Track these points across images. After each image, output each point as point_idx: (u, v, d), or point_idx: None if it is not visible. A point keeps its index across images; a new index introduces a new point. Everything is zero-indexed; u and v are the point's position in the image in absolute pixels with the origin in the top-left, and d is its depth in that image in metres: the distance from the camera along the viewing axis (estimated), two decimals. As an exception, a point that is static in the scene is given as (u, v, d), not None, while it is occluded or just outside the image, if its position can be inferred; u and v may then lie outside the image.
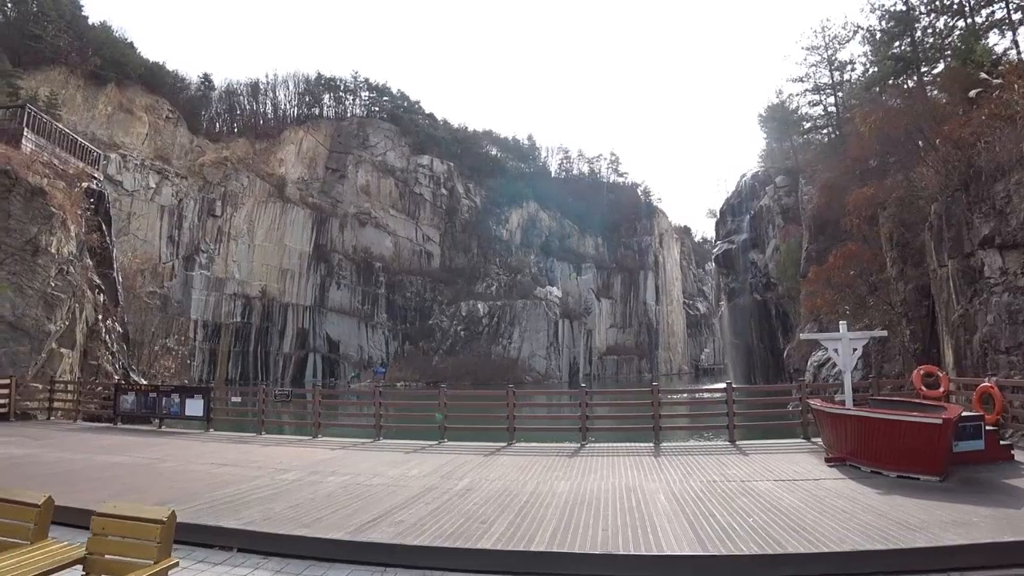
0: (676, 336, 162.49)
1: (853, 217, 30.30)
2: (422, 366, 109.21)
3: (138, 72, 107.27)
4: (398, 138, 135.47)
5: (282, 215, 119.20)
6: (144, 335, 40.00)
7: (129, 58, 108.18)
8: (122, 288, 35.96)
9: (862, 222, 29.23)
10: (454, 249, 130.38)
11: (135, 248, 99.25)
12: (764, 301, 76.37)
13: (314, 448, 15.91)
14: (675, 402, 20.64)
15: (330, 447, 15.96)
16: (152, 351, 40.86)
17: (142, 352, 40.86)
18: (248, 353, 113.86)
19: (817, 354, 33.13)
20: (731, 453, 14.54)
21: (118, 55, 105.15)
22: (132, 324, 41.44)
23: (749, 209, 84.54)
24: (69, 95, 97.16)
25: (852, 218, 30.36)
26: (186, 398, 19.59)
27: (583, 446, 15.91)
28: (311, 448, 15.91)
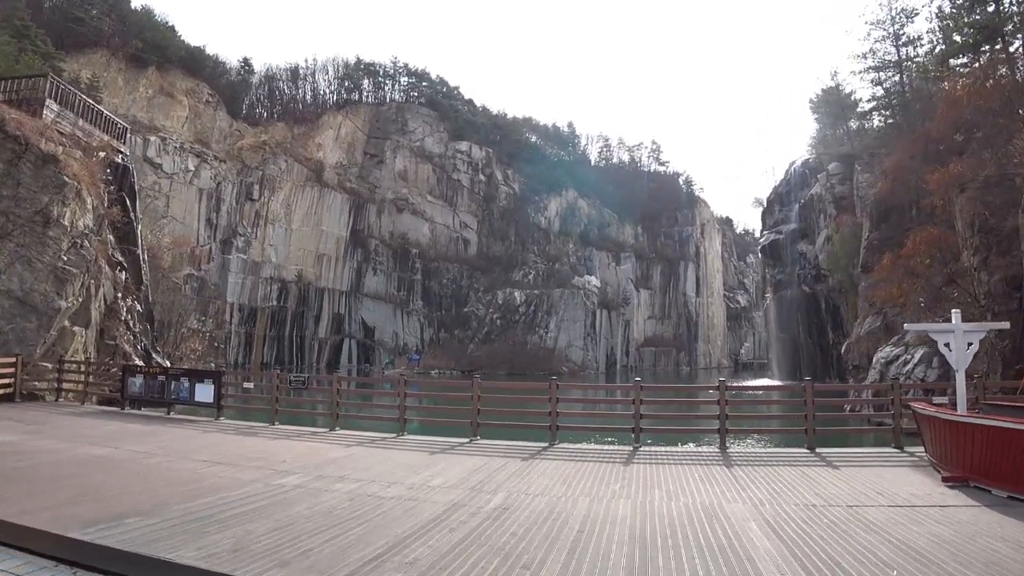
0: (716, 329, 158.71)
1: (937, 198, 27.44)
2: (457, 354, 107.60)
3: (179, 56, 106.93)
4: (436, 124, 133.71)
5: (319, 200, 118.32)
6: (171, 315, 38.77)
7: (170, 42, 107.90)
8: (147, 267, 34.67)
9: (947, 204, 26.39)
10: (491, 236, 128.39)
11: (173, 230, 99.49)
12: (813, 294, 73.10)
13: (327, 443, 14.07)
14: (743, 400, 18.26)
15: (346, 443, 14.08)
16: (179, 333, 39.61)
17: (169, 333, 39.60)
18: (284, 337, 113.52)
19: (885, 349, 30.42)
20: (815, 464, 12.27)
21: (159, 39, 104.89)
22: (160, 304, 40.35)
23: (798, 198, 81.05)
24: (111, 78, 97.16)
25: (936, 199, 27.49)
26: (196, 383, 17.88)
27: (637, 449, 13.77)
28: (324, 443, 14.06)
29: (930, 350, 26.89)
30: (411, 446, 13.85)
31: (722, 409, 13.99)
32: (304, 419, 17.94)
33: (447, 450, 13.32)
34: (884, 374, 29.28)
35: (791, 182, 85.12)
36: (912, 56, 50.77)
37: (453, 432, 15.81)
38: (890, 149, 47.39)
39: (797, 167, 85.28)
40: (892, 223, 41.44)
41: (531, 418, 16.14)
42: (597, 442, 14.81)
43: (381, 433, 15.48)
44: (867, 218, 44.24)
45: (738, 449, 14.05)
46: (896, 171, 37.87)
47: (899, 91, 52.32)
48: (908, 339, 29.28)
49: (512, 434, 15.67)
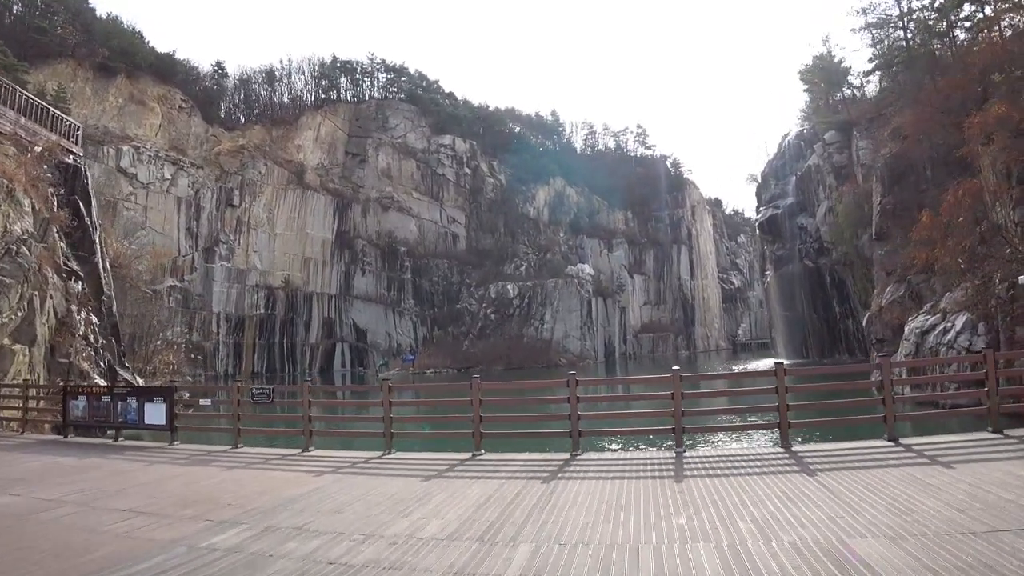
0: (712, 311, 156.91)
1: (976, 144, 24.87)
2: (452, 352, 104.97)
3: (148, 62, 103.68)
4: (418, 119, 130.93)
5: (302, 202, 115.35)
6: (139, 328, 35.94)
7: (138, 48, 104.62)
8: (110, 276, 31.84)
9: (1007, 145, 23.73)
10: (480, 230, 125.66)
11: (153, 241, 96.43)
12: (816, 268, 70.75)
13: (294, 471, 11.33)
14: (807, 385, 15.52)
15: (317, 469, 11.34)
16: (154, 346, 36.78)
17: (143, 347, 36.77)
18: (274, 345, 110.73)
19: (918, 318, 27.85)
20: (914, 460, 9.65)
21: (126, 45, 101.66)
22: (130, 317, 37.55)
23: (794, 171, 78.63)
24: (78, 88, 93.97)
25: (974, 146, 24.93)
26: (145, 402, 15.09)
27: (682, 455, 11.09)
28: (290, 471, 11.33)
29: (974, 316, 24.44)
30: (399, 469, 11.16)
31: (782, 398, 11.33)
32: (275, 438, 15.27)
33: (445, 472, 10.60)
34: (920, 345, 26.75)
35: (786, 155, 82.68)
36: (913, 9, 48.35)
37: (451, 446, 13.17)
38: (896, 109, 44.89)
39: (791, 139, 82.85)
40: (908, 185, 39.00)
41: (544, 423, 13.52)
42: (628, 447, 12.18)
43: (363, 452, 12.75)
44: (878, 183, 41.72)
45: (804, 447, 11.38)
46: (917, 126, 35.25)
47: (902, 48, 49.76)
48: (944, 305, 26.79)
49: (523, 444, 13.06)
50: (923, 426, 13.38)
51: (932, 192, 37.89)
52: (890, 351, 34.64)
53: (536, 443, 13.23)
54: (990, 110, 24.06)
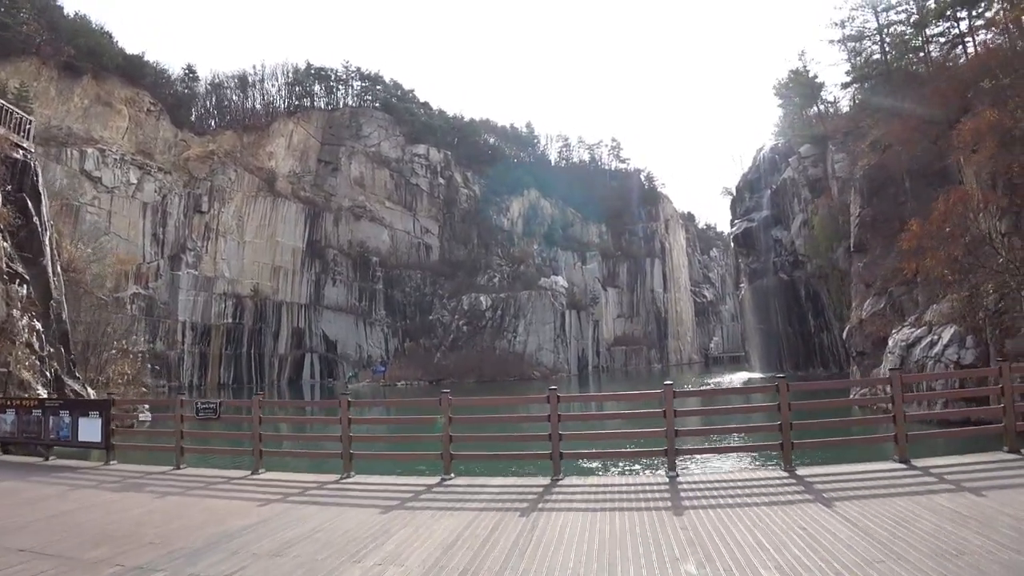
0: (685, 325, 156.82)
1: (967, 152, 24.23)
2: (424, 364, 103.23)
3: (116, 63, 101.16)
4: (392, 128, 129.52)
5: (273, 210, 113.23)
6: (93, 336, 34.06)
7: (106, 48, 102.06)
8: (61, 280, 30.07)
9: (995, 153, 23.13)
10: (454, 240, 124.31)
11: (117, 247, 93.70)
12: (791, 281, 70.41)
13: (239, 498, 9.96)
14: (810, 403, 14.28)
15: (265, 495, 9.99)
16: (107, 355, 34.88)
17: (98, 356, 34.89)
18: (241, 355, 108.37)
19: (903, 331, 27.13)
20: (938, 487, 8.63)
21: (94, 45, 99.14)
22: (84, 324, 35.66)
23: (769, 184, 78.41)
24: (42, 87, 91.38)
25: (964, 153, 24.28)
26: (79, 417, 13.60)
27: (676, 480, 9.95)
28: (234, 498, 9.95)
29: (961, 329, 23.73)
30: (357, 497, 9.83)
31: (785, 416, 10.25)
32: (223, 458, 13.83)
33: (409, 502, 9.26)
34: (906, 358, 25.99)
35: (760, 168, 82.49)
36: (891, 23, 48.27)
37: (418, 469, 11.88)
38: (874, 121, 44.65)
39: (766, 152, 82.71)
40: (887, 197, 38.56)
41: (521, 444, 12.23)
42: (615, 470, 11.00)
43: (318, 476, 11.39)
44: (857, 194, 41.31)
45: (809, 470, 10.26)
46: (902, 135, 34.72)
47: (879, 62, 49.66)
48: (930, 318, 26.10)
49: (498, 467, 11.81)
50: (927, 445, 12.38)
51: (912, 204, 37.50)
52: (871, 364, 34.06)
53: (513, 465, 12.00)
54: (982, 116, 23.50)
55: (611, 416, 15.23)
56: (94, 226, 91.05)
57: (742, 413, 13.36)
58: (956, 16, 46.65)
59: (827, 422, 11.94)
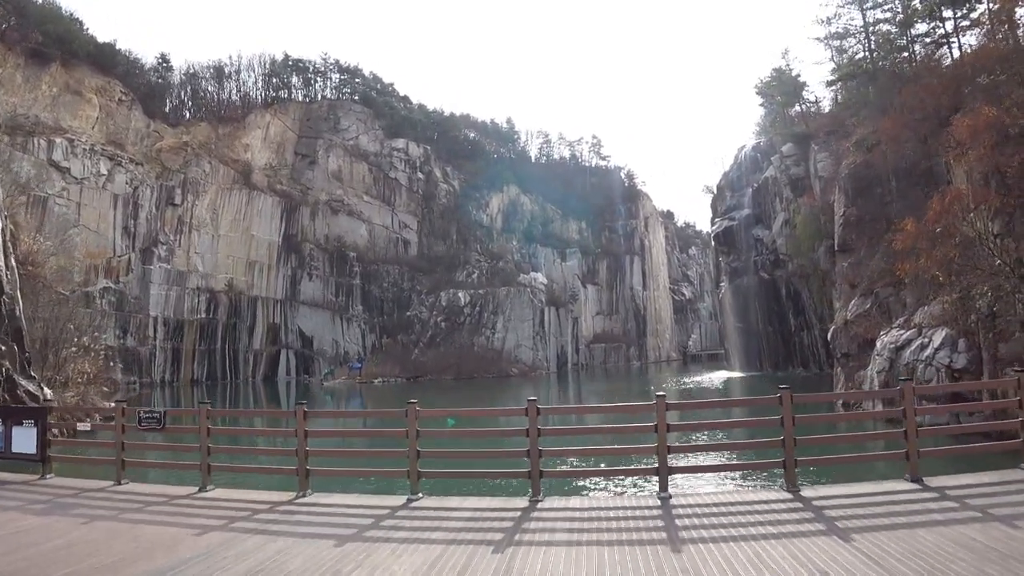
0: (664, 322, 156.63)
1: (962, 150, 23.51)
2: (401, 360, 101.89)
3: (86, 51, 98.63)
4: (371, 121, 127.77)
5: (248, 203, 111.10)
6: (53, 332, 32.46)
7: (76, 35, 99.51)
8: (15, 274, 28.55)
9: (988, 151, 22.42)
10: (432, 236, 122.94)
11: (86, 240, 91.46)
12: (772, 280, 70.19)
13: (176, 523, 8.79)
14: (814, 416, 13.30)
15: (207, 520, 8.86)
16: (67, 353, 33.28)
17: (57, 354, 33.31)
18: (215, 351, 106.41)
19: (891, 332, 26.44)
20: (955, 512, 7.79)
21: (63, 32, 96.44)
22: (43, 321, 34.08)
23: (751, 183, 78.20)
24: (7, 74, 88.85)
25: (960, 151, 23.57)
26: (13, 426, 12.32)
27: (668, 501, 8.98)
28: (171, 523, 8.78)
29: (953, 332, 23.06)
30: (310, 524, 8.72)
31: (788, 431, 9.32)
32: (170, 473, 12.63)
33: (369, 530, 8.12)
34: (895, 361, 25.32)
35: (742, 167, 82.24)
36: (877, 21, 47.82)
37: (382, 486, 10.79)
38: (859, 120, 44.13)
39: (748, 151, 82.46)
40: (873, 196, 38.03)
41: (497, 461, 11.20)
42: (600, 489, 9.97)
43: (273, 494, 10.25)
44: (841, 193, 40.76)
45: (815, 492, 9.32)
46: (893, 132, 34.09)
47: (865, 59, 49.16)
48: (920, 320, 25.43)
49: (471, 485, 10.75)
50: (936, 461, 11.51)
51: (898, 204, 37.01)
52: (856, 366, 33.47)
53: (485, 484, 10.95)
54: (979, 112, 22.83)
55: (597, 430, 14.17)
56: (62, 218, 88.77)
57: (741, 427, 12.42)
58: (942, 16, 46.34)
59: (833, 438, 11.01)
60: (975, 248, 23.75)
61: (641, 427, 10.27)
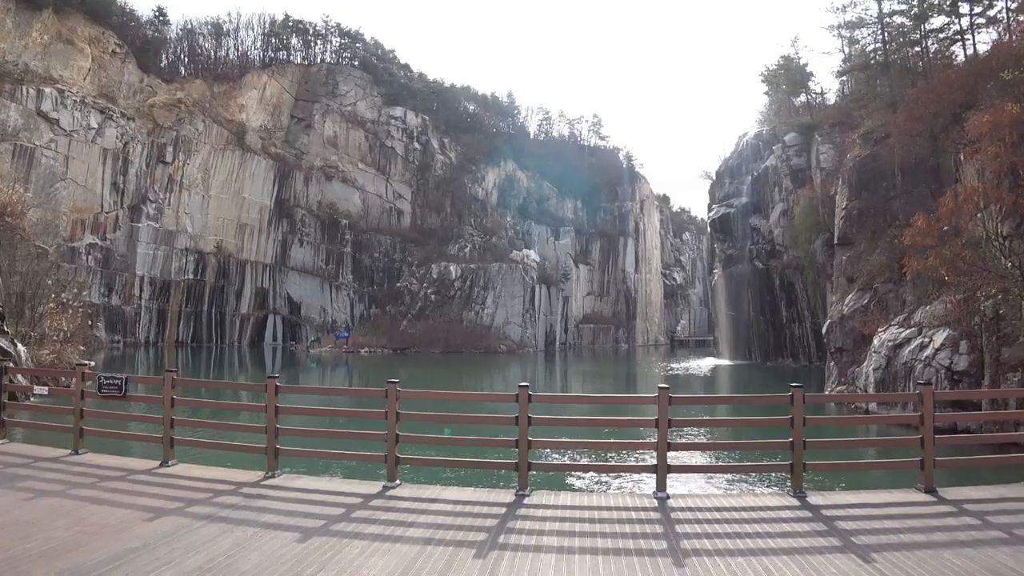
0: (654, 306, 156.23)
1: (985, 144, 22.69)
2: (389, 331, 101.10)
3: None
4: (370, 88, 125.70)
5: (241, 165, 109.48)
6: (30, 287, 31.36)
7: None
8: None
9: (1007, 149, 21.63)
10: (426, 207, 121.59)
11: (73, 195, 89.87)
12: (767, 270, 69.54)
13: (128, 504, 8.05)
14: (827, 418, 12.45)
15: (161, 501, 8.14)
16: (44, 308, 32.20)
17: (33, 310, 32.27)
18: (201, 313, 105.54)
19: (890, 330, 25.82)
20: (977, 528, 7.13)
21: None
22: (19, 275, 33.02)
23: (751, 171, 77.22)
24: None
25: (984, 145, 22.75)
26: (-34, 386, 11.52)
27: (665, 502, 8.30)
28: (121, 504, 7.98)
29: (955, 333, 22.45)
30: (275, 512, 7.89)
31: (798, 433, 8.61)
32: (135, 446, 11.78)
33: (338, 522, 7.39)
34: (892, 359, 24.72)
35: (743, 154, 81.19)
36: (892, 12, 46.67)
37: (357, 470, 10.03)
38: (868, 112, 43.25)
39: (749, 139, 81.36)
40: (878, 190, 37.29)
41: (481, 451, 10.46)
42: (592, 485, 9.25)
43: (239, 472, 9.46)
44: (845, 186, 39.99)
45: (823, 499, 8.62)
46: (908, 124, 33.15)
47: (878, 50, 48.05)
48: (920, 318, 24.82)
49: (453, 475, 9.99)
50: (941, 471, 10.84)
51: (902, 200, 36.31)
52: (849, 361, 32.93)
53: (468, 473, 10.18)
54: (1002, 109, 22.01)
55: (592, 422, 13.30)
56: (49, 170, 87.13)
57: (747, 426, 11.69)
58: (958, 11, 45.35)
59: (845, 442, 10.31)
60: (983, 248, 23.10)
61: (640, 420, 9.54)
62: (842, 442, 10.27)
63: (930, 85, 34.19)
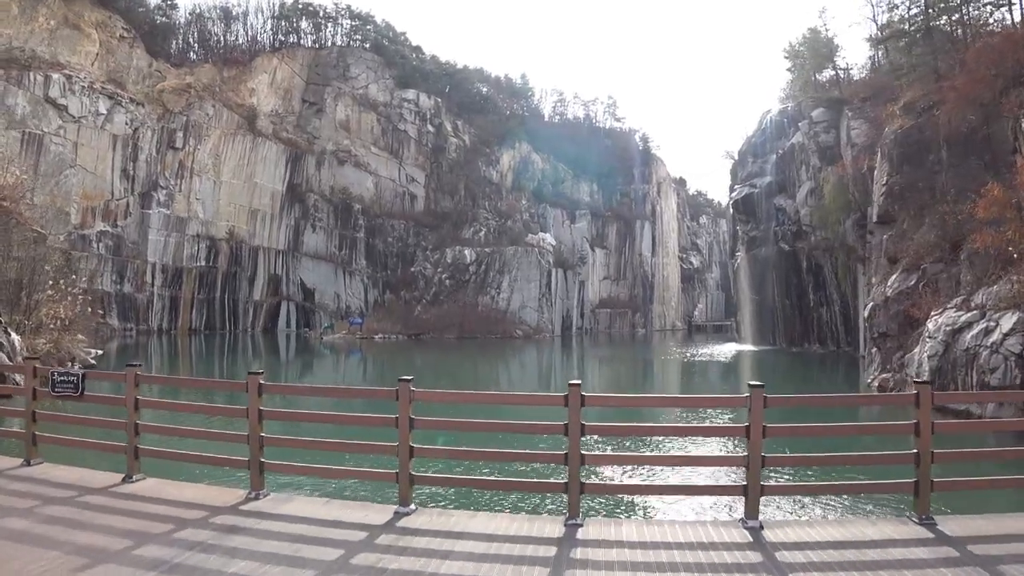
0: (671, 290, 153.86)
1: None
2: (404, 317, 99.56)
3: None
4: (382, 70, 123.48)
5: (252, 150, 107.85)
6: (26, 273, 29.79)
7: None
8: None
9: None
10: (440, 191, 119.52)
11: (83, 182, 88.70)
12: (793, 252, 67.05)
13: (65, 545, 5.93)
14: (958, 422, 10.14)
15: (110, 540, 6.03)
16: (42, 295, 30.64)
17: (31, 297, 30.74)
18: (214, 300, 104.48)
19: (947, 313, 23.63)
20: None
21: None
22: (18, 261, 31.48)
23: (775, 149, 74.58)
24: (2, 4, 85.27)
25: None
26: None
27: (760, 534, 6.39)
28: (60, 543, 5.96)
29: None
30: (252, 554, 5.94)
31: (925, 444, 6.66)
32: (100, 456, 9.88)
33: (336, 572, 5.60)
34: (951, 345, 22.61)
35: (766, 132, 78.54)
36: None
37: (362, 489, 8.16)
38: (909, 82, 40.78)
39: (773, 116, 78.66)
40: (923, 164, 34.95)
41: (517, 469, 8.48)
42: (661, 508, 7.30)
43: (217, 490, 7.55)
44: (885, 160, 37.65)
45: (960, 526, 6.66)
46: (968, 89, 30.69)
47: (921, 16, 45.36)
48: (982, 300, 22.68)
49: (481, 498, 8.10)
50: None
51: (948, 173, 34.00)
52: (893, 347, 30.81)
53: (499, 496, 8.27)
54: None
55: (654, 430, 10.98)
56: (59, 157, 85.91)
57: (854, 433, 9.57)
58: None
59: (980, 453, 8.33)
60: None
61: (724, 428, 7.57)
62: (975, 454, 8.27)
63: (993, 44, 31.74)
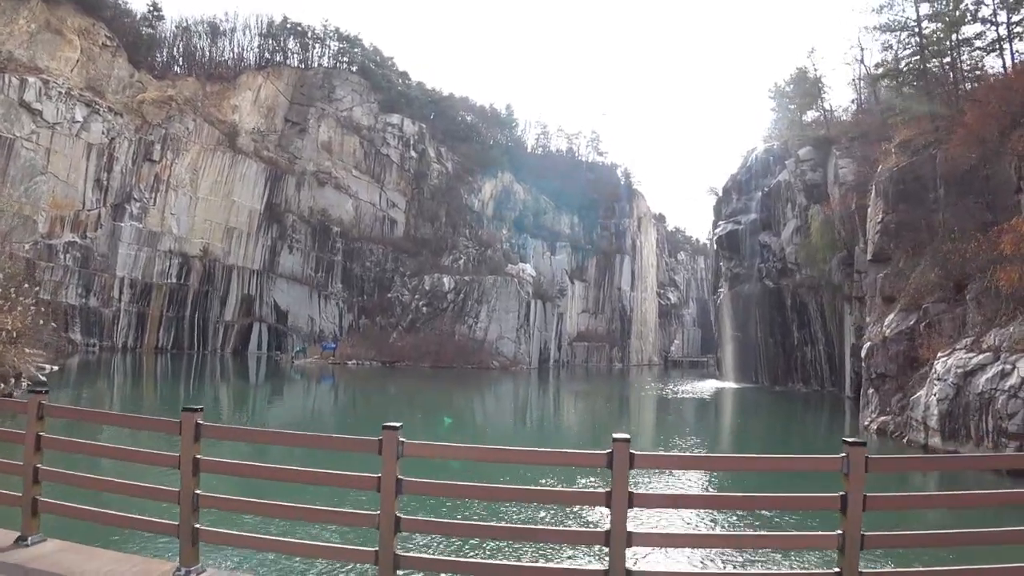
0: (648, 325, 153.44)
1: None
2: (378, 343, 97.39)
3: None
4: (367, 94, 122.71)
5: (232, 167, 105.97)
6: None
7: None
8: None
9: None
10: (420, 217, 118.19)
11: (53, 189, 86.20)
12: (778, 289, 66.49)
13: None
14: None
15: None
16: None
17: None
18: (183, 319, 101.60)
19: (956, 355, 22.63)
20: None
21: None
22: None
23: (760, 187, 74.55)
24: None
25: None
26: None
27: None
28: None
29: (1048, 359, 19.39)
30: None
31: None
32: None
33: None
34: (963, 388, 21.57)
35: (752, 169, 78.62)
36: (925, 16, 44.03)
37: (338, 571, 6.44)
38: (902, 121, 40.56)
39: (759, 154, 78.82)
40: (919, 203, 34.44)
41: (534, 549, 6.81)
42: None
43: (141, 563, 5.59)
44: (880, 198, 37.12)
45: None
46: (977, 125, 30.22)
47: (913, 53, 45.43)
48: (995, 341, 21.74)
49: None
50: None
51: (946, 212, 33.47)
52: (892, 388, 29.82)
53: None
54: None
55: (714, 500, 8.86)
56: (29, 163, 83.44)
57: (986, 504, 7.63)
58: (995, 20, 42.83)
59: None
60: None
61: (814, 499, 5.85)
62: None
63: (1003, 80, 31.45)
